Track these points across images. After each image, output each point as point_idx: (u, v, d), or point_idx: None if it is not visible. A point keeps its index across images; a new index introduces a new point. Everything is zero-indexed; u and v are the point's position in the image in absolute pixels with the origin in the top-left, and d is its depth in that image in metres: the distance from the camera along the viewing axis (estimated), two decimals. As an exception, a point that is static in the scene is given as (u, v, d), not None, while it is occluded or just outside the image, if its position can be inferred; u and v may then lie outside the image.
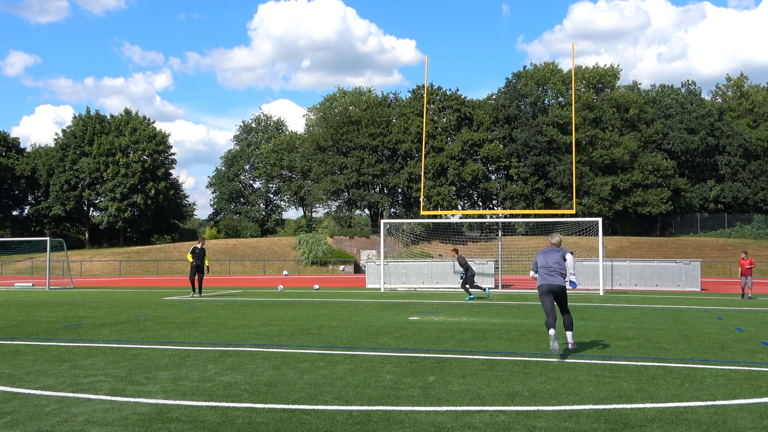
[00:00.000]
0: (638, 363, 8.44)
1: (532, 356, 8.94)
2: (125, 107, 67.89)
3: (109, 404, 6.22)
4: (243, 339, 10.79)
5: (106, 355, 9.14)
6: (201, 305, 18.03)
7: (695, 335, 11.20)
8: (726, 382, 7.21)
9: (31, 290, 27.67)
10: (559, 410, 5.96)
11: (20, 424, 5.50)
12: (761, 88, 68.92)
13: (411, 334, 11.30)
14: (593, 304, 17.97)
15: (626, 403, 6.21)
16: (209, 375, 7.63)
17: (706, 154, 60.86)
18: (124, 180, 61.31)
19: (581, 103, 57.86)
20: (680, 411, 5.95)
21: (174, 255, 52.94)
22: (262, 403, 6.22)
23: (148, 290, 26.42)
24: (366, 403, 6.20)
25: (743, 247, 48.73)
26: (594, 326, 12.52)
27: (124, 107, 67.94)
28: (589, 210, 55.70)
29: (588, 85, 61.99)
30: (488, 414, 5.82)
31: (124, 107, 67.94)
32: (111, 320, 13.96)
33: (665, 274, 25.18)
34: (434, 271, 26.36)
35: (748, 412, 5.94)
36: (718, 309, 16.65)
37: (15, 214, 68.68)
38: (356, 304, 18.12)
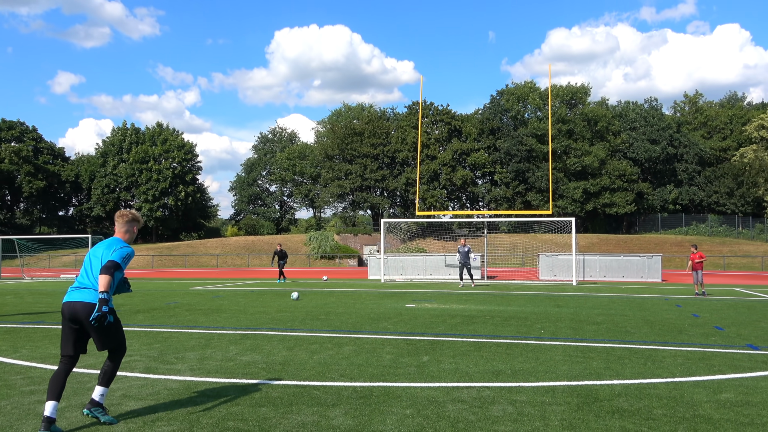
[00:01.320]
0: (606, 345, 8.44)
1: (513, 339, 8.94)
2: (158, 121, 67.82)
3: (143, 381, 6.22)
4: (260, 324, 10.79)
5: (140, 338, 9.14)
6: (224, 294, 18.02)
7: (656, 320, 11.20)
8: (683, 362, 7.21)
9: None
10: (538, 386, 5.96)
11: (65, 398, 5.50)
12: (714, 104, 69.05)
13: (408, 320, 11.29)
14: (567, 293, 17.97)
15: (596, 380, 6.21)
16: (231, 355, 7.63)
17: (666, 162, 60.91)
18: (156, 184, 61.34)
19: (556, 117, 57.85)
20: (643, 387, 5.95)
21: (200, 250, 52.91)
22: (277, 380, 6.22)
23: (177, 281, 26.41)
24: (368, 380, 6.20)
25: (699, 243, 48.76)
26: (568, 312, 12.51)
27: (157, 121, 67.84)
28: (564, 211, 55.70)
29: (562, 101, 62.00)
30: (475, 389, 5.82)
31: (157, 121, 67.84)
32: (145, 307, 13.95)
33: (630, 267, 25.17)
34: (428, 264, 26.35)
35: (703, 387, 5.94)
36: (677, 297, 16.64)
37: (61, 215, 68.70)
38: (359, 293, 18.11)
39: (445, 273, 25.66)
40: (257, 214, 75.75)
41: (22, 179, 62.05)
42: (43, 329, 10.21)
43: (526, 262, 38.17)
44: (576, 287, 20.94)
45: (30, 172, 62.03)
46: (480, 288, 20.56)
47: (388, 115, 69.02)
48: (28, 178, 61.90)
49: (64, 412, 5.07)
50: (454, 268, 25.45)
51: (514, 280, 25.26)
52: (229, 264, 48.86)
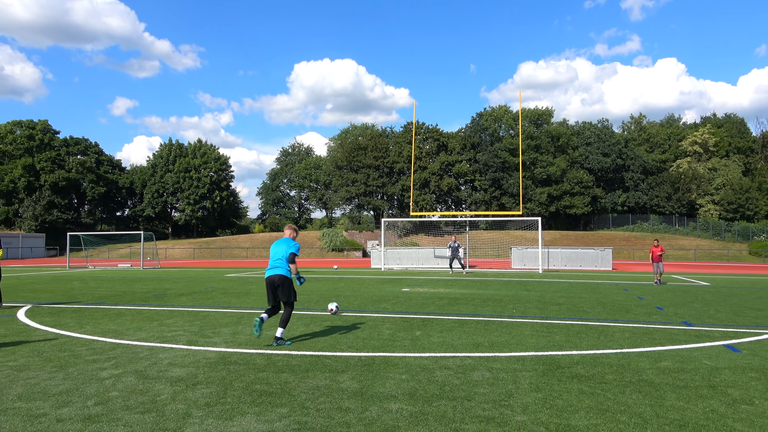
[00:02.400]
0: (567, 322, 8.44)
1: (490, 317, 8.93)
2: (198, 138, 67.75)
3: (186, 351, 6.22)
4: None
5: (183, 316, 9.14)
6: (252, 280, 18.00)
7: (608, 301, 11.19)
8: (630, 336, 7.21)
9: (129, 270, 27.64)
10: (510, 356, 5.96)
11: (122, 366, 5.51)
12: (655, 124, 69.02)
13: (403, 301, 11.28)
14: (535, 280, 17.96)
15: (558, 351, 6.21)
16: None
17: (616, 171, 60.86)
18: (196, 190, 61.33)
19: (526, 134, 57.84)
20: (597, 356, 5.95)
21: (233, 244, 52.86)
22: (296, 351, 6.22)
23: (214, 269, 26.39)
24: (371, 351, 6.20)
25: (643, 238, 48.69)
26: (535, 295, 12.50)
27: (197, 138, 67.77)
28: (532, 211, 55.66)
29: (531, 122, 61.98)
30: (459, 358, 5.82)
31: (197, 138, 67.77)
32: (187, 291, 13.94)
33: (586, 258, 25.15)
34: (420, 255, 26.31)
35: (646, 357, 5.94)
36: (625, 283, 16.63)
37: (118, 215, 68.63)
38: (364, 280, 18.09)
39: (435, 263, 25.64)
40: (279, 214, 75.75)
41: (86, 186, 62.05)
42: (104, 309, 10.20)
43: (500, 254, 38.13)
44: (542, 275, 20.94)
45: (93, 180, 62.01)
46: (461, 275, 20.55)
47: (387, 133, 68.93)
48: (91, 185, 61.87)
49: (121, 377, 5.07)
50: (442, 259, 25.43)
51: (491, 268, 25.25)
52: (256, 255, 48.81)
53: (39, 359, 5.83)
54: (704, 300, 11.67)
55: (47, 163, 59.46)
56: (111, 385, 4.81)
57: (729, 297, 12.38)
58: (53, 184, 58.94)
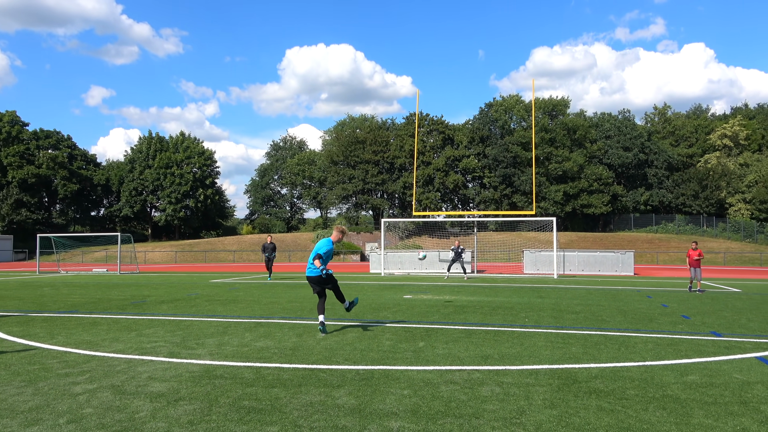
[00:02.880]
0: (584, 332, 8.43)
1: (501, 326, 8.93)
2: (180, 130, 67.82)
3: (167, 364, 6.21)
4: (273, 313, 10.78)
5: (164, 326, 9.13)
6: (239, 286, 18.00)
7: (629, 310, 11.19)
8: (654, 347, 7.20)
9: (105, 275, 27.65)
10: (522, 369, 5.95)
11: (97, 380, 5.50)
12: (681, 115, 68.99)
13: (405, 309, 11.28)
14: (549, 286, 17.95)
15: (575, 364, 6.20)
16: (246, 341, 7.62)
17: (638, 167, 60.87)
18: (178, 187, 61.34)
19: (539, 126, 57.84)
20: (617, 370, 5.94)
21: (218, 247, 52.89)
22: (288, 364, 6.21)
23: (198, 275, 26.40)
24: (370, 364, 6.19)
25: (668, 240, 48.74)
26: (549, 303, 12.50)
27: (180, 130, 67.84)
28: (546, 211, 55.68)
29: (545, 113, 61.97)
30: (466, 372, 5.81)
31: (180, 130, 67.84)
32: (168, 298, 13.94)
33: (606, 262, 25.16)
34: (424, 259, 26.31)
35: (671, 370, 5.93)
36: (648, 289, 16.63)
37: (93, 215, 68.70)
38: (362, 285, 18.10)
39: (439, 267, 25.65)
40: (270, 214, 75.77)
41: (58, 183, 62.07)
42: (77, 318, 10.20)
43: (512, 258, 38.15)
44: (557, 280, 20.93)
45: (65, 176, 62.03)
46: (470, 281, 20.55)
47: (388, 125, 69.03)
48: (63, 182, 61.90)
49: (96, 392, 5.07)
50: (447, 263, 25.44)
51: (501, 273, 25.26)
52: (244, 259, 48.83)
53: (6, 373, 5.83)
54: (735, 308, 11.67)
55: (15, 158, 59.46)
56: (85, 401, 4.80)
57: (762, 305, 12.38)
58: (22, 180, 58.95)
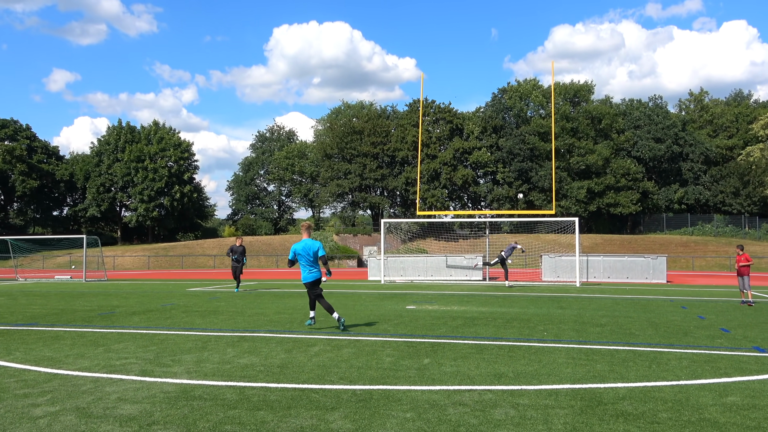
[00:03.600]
0: (611, 347, 8.43)
1: (516, 341, 8.93)
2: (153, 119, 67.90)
3: (139, 384, 6.21)
4: (258, 326, 10.78)
5: (136, 340, 9.13)
6: (221, 295, 18.01)
7: (661, 322, 11.19)
8: (689, 364, 7.20)
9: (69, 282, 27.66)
10: (540, 389, 5.96)
11: (60, 402, 5.50)
12: (720, 102, 68.94)
13: (408, 321, 11.28)
14: (571, 295, 17.96)
15: (600, 383, 6.20)
16: (228, 358, 7.62)
17: (671, 161, 60.89)
18: (152, 183, 61.34)
19: (560, 114, 57.85)
20: (648, 390, 5.95)
21: (197, 251, 52.92)
22: (275, 383, 6.21)
23: (173, 282, 26.40)
24: (368, 383, 6.19)
25: (705, 244, 48.74)
26: (571, 314, 12.50)
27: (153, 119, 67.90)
28: (567, 211, 55.70)
29: (566, 99, 61.97)
30: (477, 392, 5.81)
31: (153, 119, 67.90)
32: (140, 309, 13.94)
33: (635, 268, 25.15)
34: (429, 265, 26.34)
35: (709, 390, 5.93)
36: (682, 299, 16.63)
37: (55, 215, 68.75)
38: (359, 295, 18.10)
39: (446, 274, 25.66)
40: (255, 214, 75.77)
41: (15, 179, 62.09)
42: (37, 331, 10.20)
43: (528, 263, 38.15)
44: (579, 288, 20.93)
45: (23, 171, 62.05)
46: (482, 289, 20.56)
47: (388, 113, 69.03)
48: (22, 178, 61.92)
49: (58, 416, 5.07)
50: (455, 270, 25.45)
51: (517, 281, 25.26)
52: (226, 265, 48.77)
53: (-43, 393, 5.83)
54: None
55: (-33, 151, 59.52)
56: (46, 426, 4.80)
57: (811, 316, 12.38)
58: (-26, 176, 59.00)
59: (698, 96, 69.09)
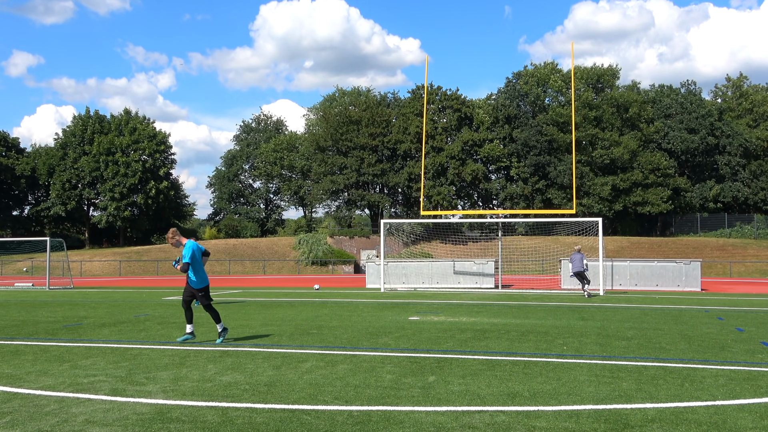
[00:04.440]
0: (638, 363, 8.45)
1: (532, 356, 8.94)
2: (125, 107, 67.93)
3: (109, 404, 6.22)
4: (243, 339, 10.80)
5: (105, 355, 9.14)
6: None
7: (695, 335, 11.20)
8: (726, 382, 7.21)
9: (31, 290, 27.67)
10: (559, 410, 5.96)
11: (20, 424, 5.51)
12: (761, 88, 68.89)
13: (411, 334, 11.30)
14: (593, 304, 17.98)
15: (626, 403, 6.21)
16: (209, 375, 7.63)
17: (706, 154, 60.86)
18: (123, 179, 61.29)
19: (581, 102, 57.85)
20: (680, 411, 5.95)
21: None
22: (262, 403, 6.22)
23: (148, 290, 26.42)
24: (366, 403, 6.20)
25: (744, 247, 48.76)
26: (594, 326, 12.52)
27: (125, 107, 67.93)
28: (589, 210, 55.70)
29: (588, 85, 61.97)
30: (488, 414, 5.82)
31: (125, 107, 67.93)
32: (111, 320, 13.95)
33: (665, 274, 25.18)
34: (434, 271, 26.36)
35: (749, 412, 5.94)
36: (719, 309, 16.65)
37: (15, 214, 68.69)
38: (356, 304, 18.12)
39: (454, 281, 25.68)
40: (239, 213, 75.78)
41: (-30, 174, 62.11)
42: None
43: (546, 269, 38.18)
44: (603, 297, 20.95)
45: (-21, 165, 62.08)
46: (493, 298, 20.58)
47: (389, 100, 68.99)
48: (-22, 173, 61.94)
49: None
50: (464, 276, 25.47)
51: (533, 289, 25.29)
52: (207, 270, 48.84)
53: None
54: (829, 333, 11.69)
55: None
56: (5, 451, 4.81)
57: None
58: (-76, 171, 59.02)
59: (737, 81, 69.14)
